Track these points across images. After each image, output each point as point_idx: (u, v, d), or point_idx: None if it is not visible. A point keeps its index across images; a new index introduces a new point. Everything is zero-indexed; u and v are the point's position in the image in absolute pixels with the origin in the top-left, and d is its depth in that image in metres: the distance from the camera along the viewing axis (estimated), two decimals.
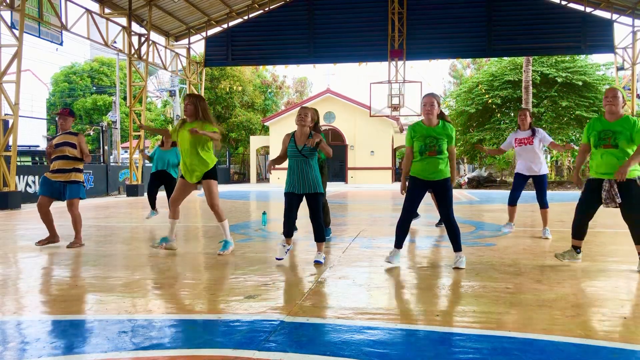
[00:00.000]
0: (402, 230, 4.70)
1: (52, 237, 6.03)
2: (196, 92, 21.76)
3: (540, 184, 6.51)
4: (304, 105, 5.01)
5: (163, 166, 8.32)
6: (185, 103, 5.41)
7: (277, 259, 4.91)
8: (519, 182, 6.63)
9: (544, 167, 6.54)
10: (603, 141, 4.43)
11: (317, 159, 4.93)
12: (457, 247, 4.64)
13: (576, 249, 4.73)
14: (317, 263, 4.79)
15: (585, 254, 5.25)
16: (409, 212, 4.69)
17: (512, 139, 6.65)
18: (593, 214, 4.61)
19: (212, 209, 5.41)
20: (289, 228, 4.90)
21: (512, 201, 6.66)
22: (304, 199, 4.91)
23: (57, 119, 6.19)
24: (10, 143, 12.04)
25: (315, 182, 4.83)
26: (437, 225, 7.62)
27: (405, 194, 4.72)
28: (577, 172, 4.85)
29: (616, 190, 4.32)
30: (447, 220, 4.62)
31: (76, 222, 5.99)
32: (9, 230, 7.89)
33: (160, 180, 8.42)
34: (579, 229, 4.67)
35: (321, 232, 4.87)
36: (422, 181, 4.63)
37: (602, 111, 5.54)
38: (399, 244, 4.73)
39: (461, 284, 4.06)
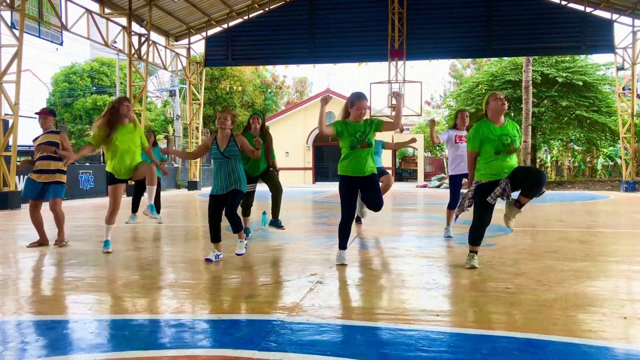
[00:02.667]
0: None
1: (43, 240, 6.06)
2: (197, 93, 21.73)
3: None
4: (224, 109, 5.20)
5: None
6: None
7: (206, 259, 4.99)
8: (460, 184, 6.52)
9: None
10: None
11: (240, 160, 5.09)
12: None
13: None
14: (238, 254, 5.10)
15: (585, 254, 5.25)
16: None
17: (452, 136, 6.44)
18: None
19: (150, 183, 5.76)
20: (216, 232, 5.05)
21: (454, 205, 6.52)
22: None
23: (37, 119, 6.19)
24: (10, 143, 12.04)
25: (238, 180, 5.02)
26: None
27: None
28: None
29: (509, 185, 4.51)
30: None
31: (60, 221, 6.05)
32: (9, 230, 7.89)
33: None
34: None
35: (237, 224, 5.05)
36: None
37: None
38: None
39: (461, 284, 4.06)
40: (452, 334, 2.86)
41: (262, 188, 6.48)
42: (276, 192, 6.23)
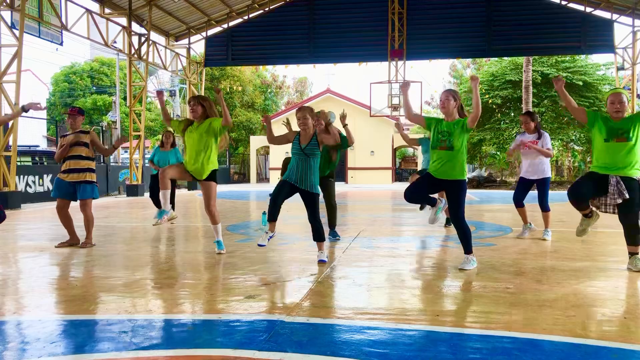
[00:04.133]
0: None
1: (72, 240, 6.00)
2: (197, 93, 21.79)
3: (542, 187, 6.48)
4: (301, 108, 4.99)
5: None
6: (191, 105, 5.36)
7: (258, 245, 4.88)
8: (521, 186, 6.58)
9: (547, 171, 6.48)
10: (615, 136, 4.39)
11: (318, 161, 4.95)
12: (467, 249, 4.62)
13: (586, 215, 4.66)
14: (321, 262, 4.82)
15: (585, 254, 5.25)
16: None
17: (519, 141, 6.54)
18: (589, 195, 4.50)
19: (208, 211, 5.36)
20: (275, 211, 4.82)
21: (518, 202, 6.59)
22: (300, 197, 4.96)
23: (66, 118, 6.17)
24: (10, 143, 12.04)
25: (312, 182, 4.87)
26: (446, 225, 7.56)
27: None
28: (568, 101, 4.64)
29: (623, 186, 4.32)
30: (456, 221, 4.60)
31: (89, 223, 5.98)
32: (9, 230, 7.89)
33: None
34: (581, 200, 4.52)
35: (320, 232, 4.88)
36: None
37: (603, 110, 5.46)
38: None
39: (461, 284, 4.06)
40: (452, 334, 2.86)
41: (262, 188, 6.47)
42: (330, 207, 6.40)
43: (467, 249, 4.58)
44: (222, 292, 3.80)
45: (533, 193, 6.65)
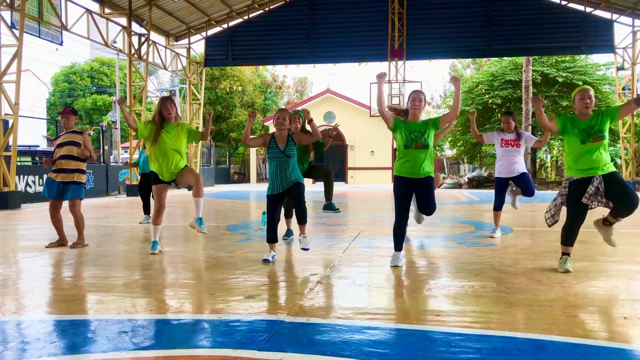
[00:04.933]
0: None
1: (62, 240, 6.03)
2: (197, 93, 21.78)
3: (524, 180, 6.48)
4: (281, 109, 5.09)
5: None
6: (167, 104, 5.39)
7: (263, 260, 4.93)
8: (502, 186, 6.58)
9: (523, 167, 6.52)
10: (590, 136, 4.36)
11: (295, 158, 5.03)
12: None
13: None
14: (304, 250, 5.04)
15: (585, 254, 5.25)
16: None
17: (499, 139, 6.56)
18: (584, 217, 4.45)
19: (197, 184, 5.41)
20: (273, 232, 4.98)
21: (499, 206, 6.60)
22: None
23: (59, 118, 6.17)
24: (10, 143, 12.04)
25: (296, 177, 4.98)
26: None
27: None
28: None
29: (603, 188, 4.26)
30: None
31: (79, 223, 5.98)
32: (9, 230, 7.89)
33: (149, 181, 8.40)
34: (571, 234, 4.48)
35: (304, 214, 4.99)
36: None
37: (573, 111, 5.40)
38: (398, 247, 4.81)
39: (461, 284, 4.06)
40: (452, 333, 2.86)
41: (262, 188, 6.48)
42: (327, 175, 6.31)
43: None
44: (222, 292, 3.80)
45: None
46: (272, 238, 4.98)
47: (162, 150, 5.34)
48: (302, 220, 5.00)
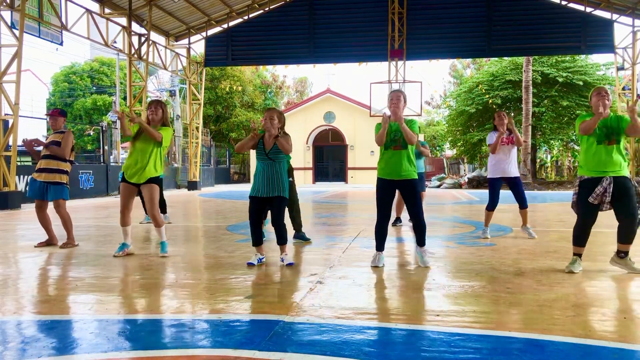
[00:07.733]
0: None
1: (51, 240, 6.04)
2: (197, 93, 21.78)
3: (519, 185, 6.48)
4: (270, 108, 4.92)
5: None
6: (153, 107, 5.36)
7: (248, 264, 4.78)
8: (498, 187, 6.54)
9: (516, 168, 6.50)
10: (607, 139, 4.39)
11: (284, 164, 4.85)
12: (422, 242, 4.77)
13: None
14: (289, 265, 4.76)
15: (585, 254, 5.24)
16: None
17: (501, 138, 6.50)
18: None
19: (150, 212, 5.30)
20: (258, 235, 4.82)
21: (492, 207, 6.58)
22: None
23: (48, 119, 6.16)
24: (10, 143, 12.04)
25: (281, 185, 4.74)
26: (394, 224, 7.74)
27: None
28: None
29: (612, 188, 4.27)
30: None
31: (66, 223, 5.98)
32: (9, 230, 7.89)
33: None
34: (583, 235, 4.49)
35: (284, 235, 4.83)
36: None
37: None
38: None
39: (461, 284, 4.06)
40: (452, 333, 2.86)
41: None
42: (292, 204, 6.07)
43: (422, 242, 4.75)
44: (222, 292, 3.80)
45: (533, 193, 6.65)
46: (255, 241, 4.83)
47: (134, 147, 5.28)
48: (280, 241, 4.83)
